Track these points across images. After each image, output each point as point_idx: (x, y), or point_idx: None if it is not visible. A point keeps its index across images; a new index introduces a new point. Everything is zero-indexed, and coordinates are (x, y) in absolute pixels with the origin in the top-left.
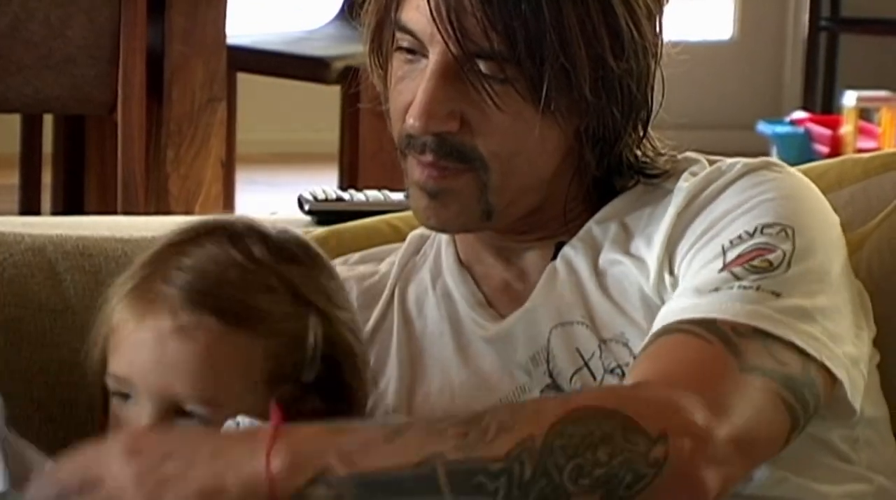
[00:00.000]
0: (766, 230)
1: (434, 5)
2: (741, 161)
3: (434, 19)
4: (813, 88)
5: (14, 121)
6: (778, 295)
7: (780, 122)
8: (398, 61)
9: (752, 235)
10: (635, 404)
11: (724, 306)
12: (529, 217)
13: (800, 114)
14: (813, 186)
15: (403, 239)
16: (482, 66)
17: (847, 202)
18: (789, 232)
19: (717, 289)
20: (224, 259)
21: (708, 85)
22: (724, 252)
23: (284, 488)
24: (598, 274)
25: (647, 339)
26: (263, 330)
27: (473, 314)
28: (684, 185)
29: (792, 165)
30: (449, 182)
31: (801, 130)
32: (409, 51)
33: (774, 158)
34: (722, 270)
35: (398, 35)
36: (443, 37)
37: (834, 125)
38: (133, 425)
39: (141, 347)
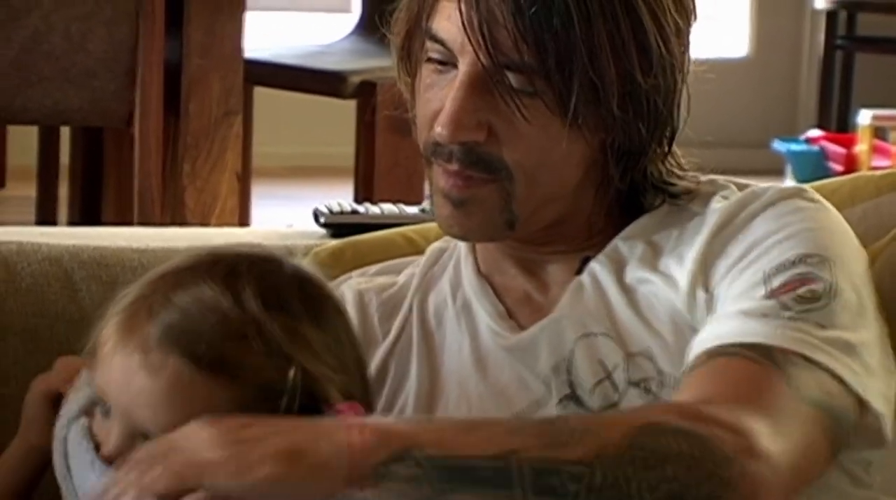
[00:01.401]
0: (807, 260)
1: (466, 16)
2: (775, 186)
3: (465, 30)
4: (828, 106)
5: (32, 132)
6: (823, 326)
7: (795, 140)
8: (427, 70)
9: (794, 264)
10: (708, 425)
11: (776, 333)
12: (552, 229)
13: (815, 132)
14: (842, 218)
15: (419, 252)
16: (511, 77)
17: (859, 219)
18: (829, 264)
19: (765, 315)
20: (210, 303)
21: (723, 103)
22: (767, 279)
23: (365, 460)
24: (626, 290)
25: (693, 356)
26: (234, 380)
27: (494, 325)
28: (717, 206)
29: (806, 182)
30: (474, 191)
31: (815, 148)
32: (439, 61)
33: (806, 186)
34: (769, 297)
35: (428, 44)
36: (473, 47)
37: (849, 144)
38: (105, 434)
39: (114, 370)
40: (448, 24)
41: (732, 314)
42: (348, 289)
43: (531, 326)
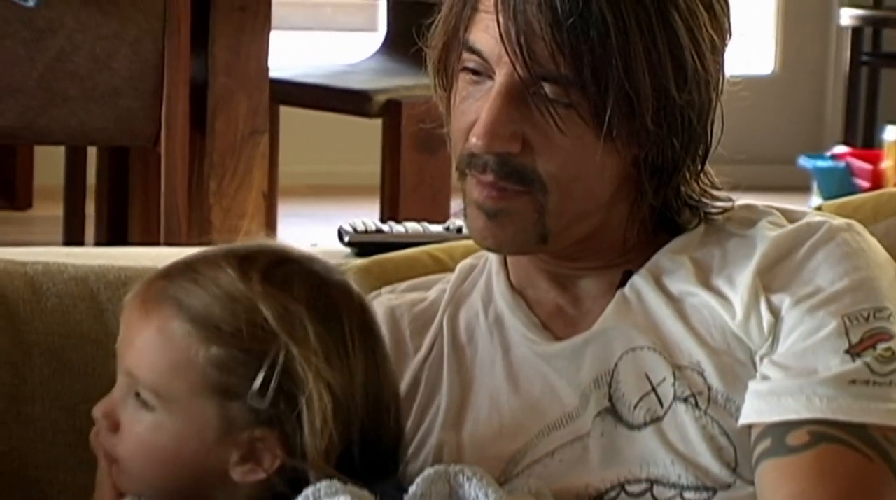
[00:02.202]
0: (877, 315)
1: (504, 27)
2: (826, 221)
3: (503, 41)
4: (854, 122)
5: (59, 153)
6: None
7: (821, 156)
8: (463, 82)
9: (867, 319)
10: None
11: (870, 408)
12: (585, 243)
13: (841, 148)
14: (881, 249)
15: (444, 270)
16: (547, 89)
17: (882, 235)
18: (894, 318)
19: (854, 382)
20: (216, 277)
21: (749, 119)
22: (846, 330)
23: None
24: (674, 301)
25: (789, 416)
26: (215, 339)
27: (530, 335)
28: (770, 234)
29: (832, 199)
30: (507, 203)
31: (841, 164)
32: (475, 72)
33: (852, 221)
34: (853, 356)
35: (465, 55)
36: (510, 58)
37: (875, 160)
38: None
39: (123, 321)
40: (485, 35)
41: (827, 380)
42: (378, 305)
43: (568, 338)
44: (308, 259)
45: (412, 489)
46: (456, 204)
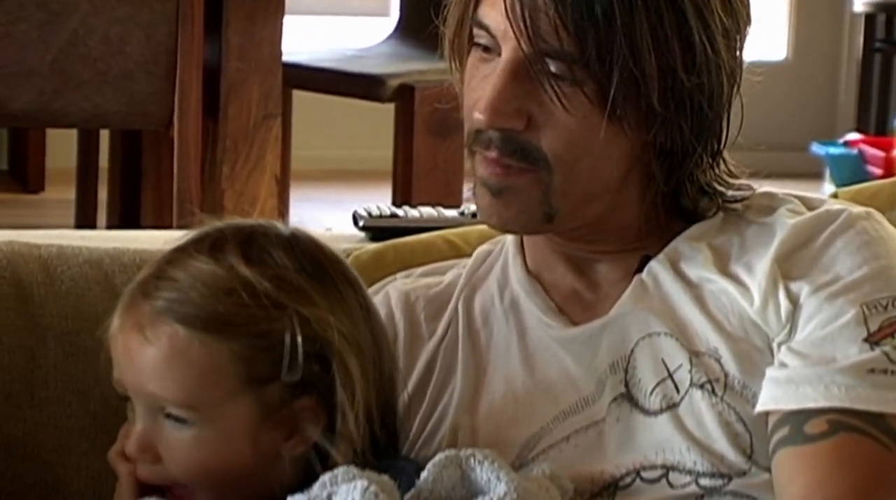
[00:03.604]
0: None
1: (509, 2)
2: (846, 209)
3: (508, 16)
4: (867, 109)
5: (71, 136)
6: None
7: (834, 143)
8: (473, 59)
9: (885, 308)
10: None
11: (889, 397)
12: (597, 226)
13: (853, 135)
14: None
15: (459, 255)
16: (552, 65)
17: None
18: None
19: (872, 370)
20: (197, 270)
21: (762, 106)
22: (865, 319)
23: None
24: (692, 287)
25: (806, 404)
26: (227, 334)
27: (546, 319)
28: (789, 221)
29: (845, 186)
30: (512, 180)
31: (854, 151)
32: (485, 48)
33: (871, 209)
34: (871, 344)
35: (475, 32)
36: (515, 34)
37: (887, 147)
38: (134, 425)
39: (119, 353)
40: (493, 11)
41: (846, 368)
42: (393, 289)
43: (584, 323)
44: (265, 226)
45: (423, 474)
46: (469, 188)
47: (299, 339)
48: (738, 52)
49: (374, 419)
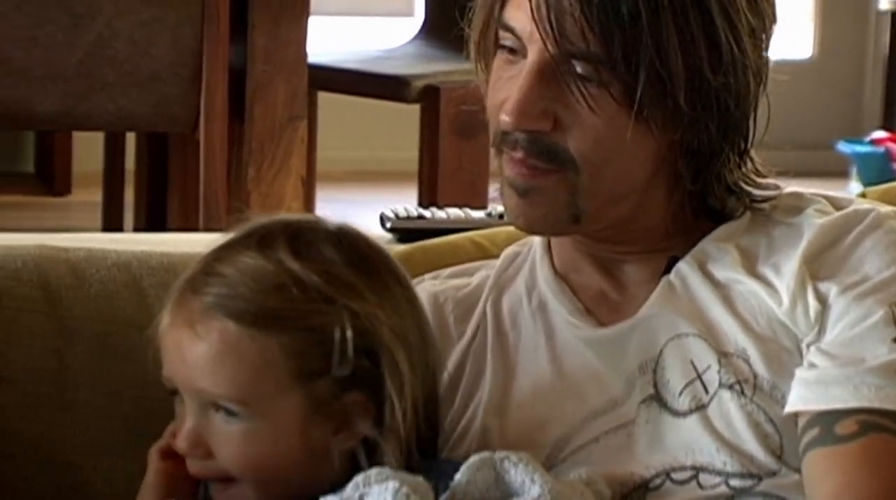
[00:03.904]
0: None
1: (535, 4)
2: (874, 209)
3: (534, 17)
4: (893, 107)
5: (97, 138)
6: None
7: (860, 141)
8: (499, 61)
9: None
10: None
11: None
12: (624, 226)
13: (880, 133)
14: None
15: (487, 256)
16: (578, 67)
17: None
18: None
19: None
20: (246, 265)
21: (787, 104)
22: (894, 319)
23: None
24: (720, 288)
25: (835, 405)
26: (278, 329)
27: (574, 320)
28: (817, 222)
29: (871, 185)
30: (539, 181)
31: (880, 149)
32: (511, 50)
33: None
34: None
35: (501, 34)
36: (541, 35)
37: None
38: (183, 420)
39: (170, 349)
40: (519, 12)
41: (875, 368)
42: (422, 291)
43: (612, 324)
44: (312, 221)
45: (457, 476)
46: (494, 189)
47: (349, 333)
48: (764, 52)
49: (419, 412)
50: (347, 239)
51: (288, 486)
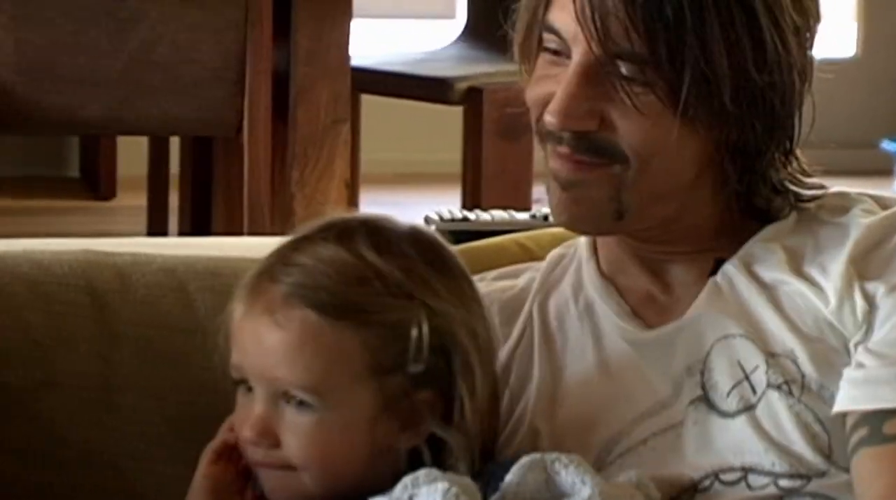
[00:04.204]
0: None
1: (579, 5)
2: None
3: (578, 19)
4: None
5: (142, 143)
6: None
7: None
8: (542, 61)
9: None
10: None
11: None
12: (669, 226)
13: None
14: None
15: (532, 258)
16: (623, 67)
17: None
18: None
19: None
20: (327, 256)
21: (831, 103)
22: None
23: None
24: (767, 289)
25: (882, 405)
26: (359, 322)
27: (621, 322)
28: (863, 221)
29: None
30: (584, 174)
31: None
32: (555, 52)
33: None
34: None
35: (545, 36)
36: (585, 36)
37: None
38: (249, 411)
39: (246, 337)
40: (562, 14)
41: None
42: None
43: (659, 325)
44: (387, 218)
45: (508, 477)
46: (538, 191)
47: (426, 330)
48: (808, 50)
49: (485, 412)
50: (422, 238)
51: (347, 479)
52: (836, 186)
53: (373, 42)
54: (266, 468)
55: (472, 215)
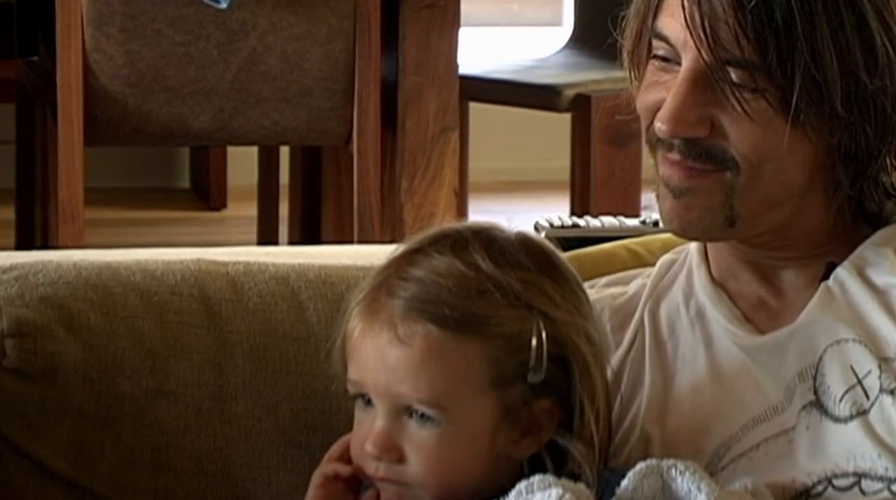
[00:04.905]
0: None
1: (689, 12)
2: None
3: (688, 26)
4: None
5: (252, 153)
6: None
7: None
8: (652, 69)
9: None
10: None
11: None
12: (781, 232)
13: None
14: None
15: (642, 264)
16: (733, 74)
17: None
18: None
19: None
20: (443, 269)
21: None
22: None
23: None
24: (879, 293)
25: None
26: (481, 335)
27: (732, 328)
28: None
29: None
30: (695, 181)
31: None
32: (664, 59)
33: None
34: None
35: (654, 43)
36: (695, 43)
37: None
38: (368, 426)
39: (367, 353)
40: (672, 21)
41: None
42: None
43: (771, 331)
44: (498, 227)
45: (623, 482)
46: (646, 198)
47: (544, 341)
48: None
49: (604, 417)
50: (534, 246)
51: (466, 489)
52: None
53: (480, 50)
54: (386, 482)
55: (581, 222)
